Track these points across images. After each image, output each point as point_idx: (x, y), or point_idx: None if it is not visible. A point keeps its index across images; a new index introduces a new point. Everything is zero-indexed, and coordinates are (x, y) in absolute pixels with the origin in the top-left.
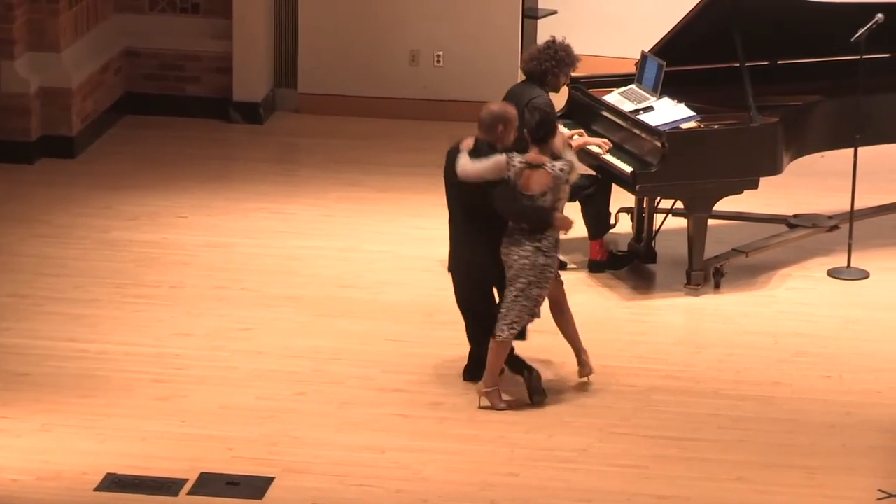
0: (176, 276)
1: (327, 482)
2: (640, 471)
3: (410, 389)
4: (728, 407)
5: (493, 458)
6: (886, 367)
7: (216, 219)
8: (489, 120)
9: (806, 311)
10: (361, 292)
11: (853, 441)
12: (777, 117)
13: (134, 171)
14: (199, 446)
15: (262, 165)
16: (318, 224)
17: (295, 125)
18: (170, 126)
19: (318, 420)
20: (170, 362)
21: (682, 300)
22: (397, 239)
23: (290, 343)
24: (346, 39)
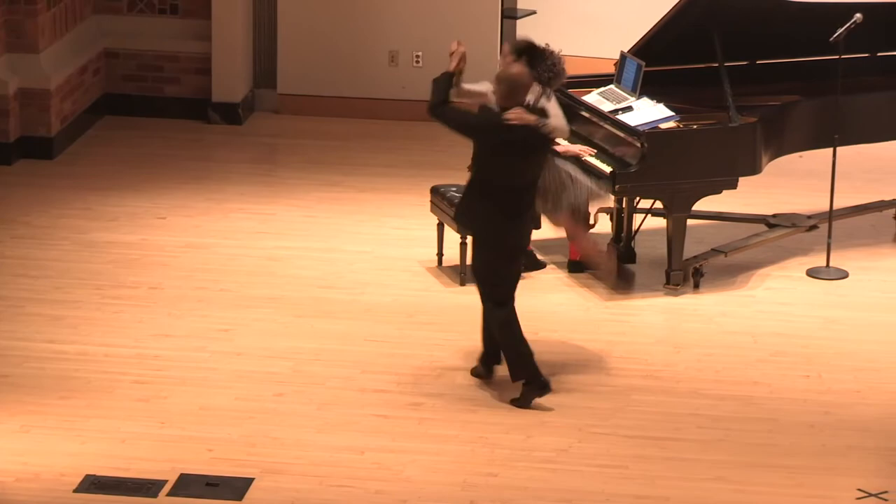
0: (155, 277)
1: (307, 483)
2: (620, 471)
3: (390, 390)
4: (707, 407)
5: (474, 459)
6: (865, 367)
7: (195, 220)
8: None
9: (785, 311)
10: (341, 293)
11: (832, 441)
12: (756, 117)
13: (113, 172)
14: (178, 447)
15: (241, 166)
16: (297, 225)
17: (274, 126)
18: (149, 127)
19: (297, 421)
20: (149, 363)
21: (661, 300)
22: (377, 239)
23: (270, 344)
24: (326, 40)
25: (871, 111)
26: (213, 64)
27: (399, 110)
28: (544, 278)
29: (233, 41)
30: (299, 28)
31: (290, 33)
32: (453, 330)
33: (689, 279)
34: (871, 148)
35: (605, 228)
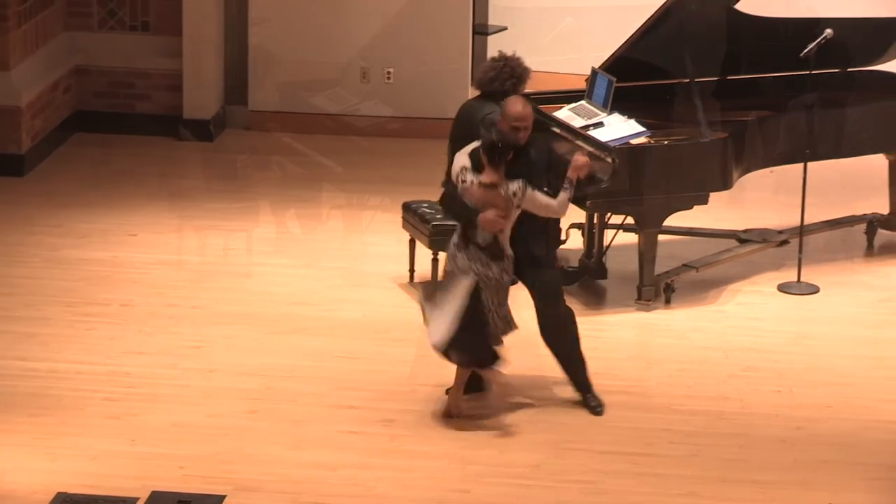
0: (127, 293)
1: (280, 500)
2: (593, 486)
3: (363, 406)
4: (679, 422)
5: (446, 475)
6: (837, 382)
7: (167, 236)
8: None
9: (756, 326)
10: (314, 309)
11: (805, 455)
12: (727, 133)
13: (84, 189)
14: (150, 464)
15: (212, 183)
16: (270, 241)
17: (245, 142)
18: (120, 144)
19: (270, 437)
20: (121, 380)
21: (632, 315)
22: (350, 255)
23: (243, 360)
24: (296, 57)
25: (842, 126)
26: (185, 81)
27: (370, 126)
28: (516, 294)
29: (204, 58)
30: (270, 45)
31: (261, 50)
32: (425, 346)
33: (661, 294)
34: (842, 163)
35: (576, 244)
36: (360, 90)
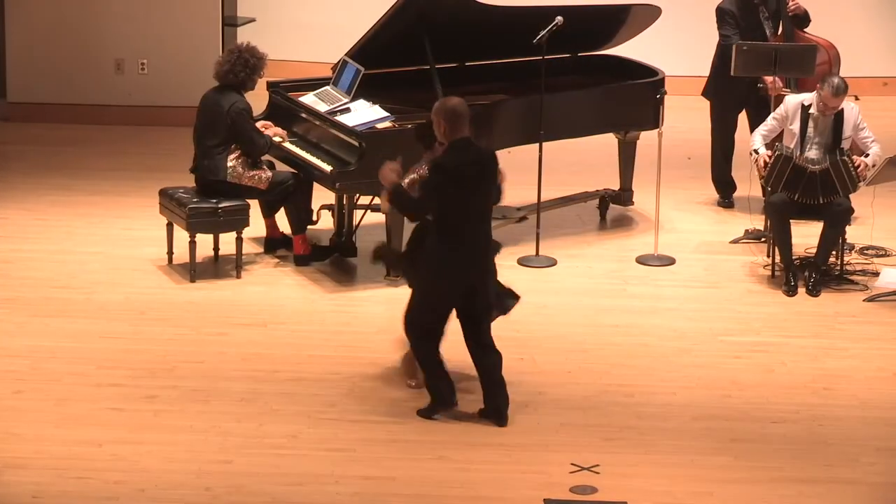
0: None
1: (47, 476)
2: (348, 454)
3: (126, 384)
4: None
5: (208, 447)
6: (574, 349)
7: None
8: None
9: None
10: (75, 292)
11: (546, 419)
12: None
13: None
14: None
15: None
16: (29, 228)
17: (4, 133)
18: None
19: (36, 416)
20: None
21: (382, 291)
22: (108, 240)
23: (7, 343)
24: (53, 50)
25: (574, 108)
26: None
27: (125, 116)
28: (271, 272)
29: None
30: (27, 38)
31: (19, 43)
32: (184, 325)
33: None
34: (575, 143)
35: (327, 224)
36: (115, 81)
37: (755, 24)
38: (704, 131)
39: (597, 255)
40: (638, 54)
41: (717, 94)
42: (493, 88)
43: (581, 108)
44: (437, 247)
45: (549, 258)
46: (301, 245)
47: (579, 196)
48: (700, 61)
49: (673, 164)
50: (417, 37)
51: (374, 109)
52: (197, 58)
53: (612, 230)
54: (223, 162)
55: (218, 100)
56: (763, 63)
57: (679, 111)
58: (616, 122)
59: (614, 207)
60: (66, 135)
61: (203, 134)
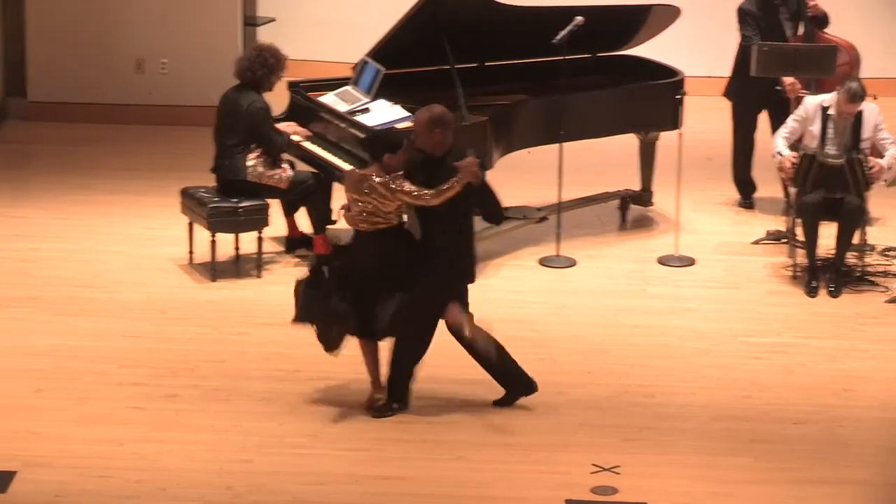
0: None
1: (69, 475)
2: (367, 453)
3: (147, 383)
4: (445, 391)
5: (229, 447)
6: (594, 349)
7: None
8: (426, 124)
9: (518, 298)
10: (97, 292)
11: (566, 419)
12: (486, 116)
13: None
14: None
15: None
16: (51, 227)
17: (26, 133)
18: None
19: (58, 415)
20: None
21: None
22: (129, 240)
23: (29, 342)
24: (74, 49)
25: (594, 109)
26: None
27: (146, 116)
28: (292, 271)
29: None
30: (48, 37)
31: (40, 42)
32: (206, 324)
33: None
34: (595, 143)
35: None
36: (135, 80)
37: (775, 25)
38: (725, 132)
39: (617, 256)
40: (658, 55)
41: (738, 95)
42: (512, 89)
43: (601, 109)
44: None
45: (569, 258)
46: (322, 245)
47: (599, 196)
48: (720, 62)
49: (693, 165)
50: (437, 37)
51: (395, 109)
52: (217, 57)
53: (632, 231)
54: (243, 161)
55: (237, 99)
56: (783, 63)
57: (699, 112)
58: (636, 123)
59: (634, 208)
60: (87, 134)
61: (222, 133)
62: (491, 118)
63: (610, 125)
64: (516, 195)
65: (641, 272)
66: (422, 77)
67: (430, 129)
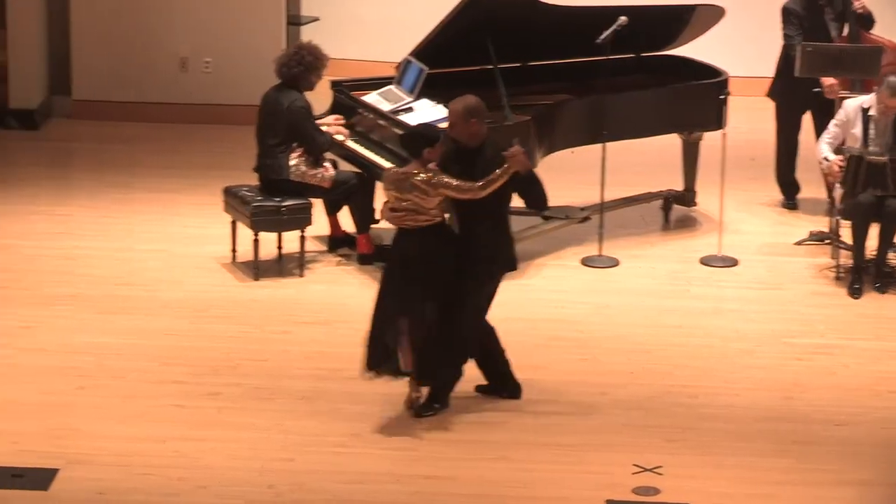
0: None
1: (110, 472)
2: (409, 453)
3: (189, 381)
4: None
5: (270, 445)
6: (637, 349)
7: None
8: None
9: (561, 298)
10: (139, 290)
11: (608, 420)
12: (529, 116)
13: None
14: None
15: (37, 170)
16: (94, 225)
17: (69, 131)
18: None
19: (99, 413)
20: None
21: None
22: (171, 238)
23: (71, 340)
24: (118, 48)
25: (637, 109)
26: (10, 72)
27: (188, 115)
28: (334, 270)
29: (28, 50)
30: (93, 36)
31: (84, 41)
32: (248, 323)
33: None
34: (638, 143)
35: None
36: (179, 79)
37: (820, 25)
38: (768, 132)
39: (660, 256)
40: (701, 55)
41: (782, 95)
42: (555, 88)
43: (645, 109)
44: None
45: (611, 258)
46: (365, 244)
47: (643, 196)
48: (764, 62)
49: (736, 165)
50: (481, 37)
51: (438, 109)
52: (260, 57)
53: (675, 231)
54: (285, 161)
55: (277, 98)
56: (828, 64)
57: (743, 112)
58: (680, 123)
59: (678, 208)
60: (129, 133)
61: (264, 133)
62: (534, 118)
63: (654, 125)
64: (559, 195)
65: (684, 272)
66: (465, 77)
67: (466, 119)
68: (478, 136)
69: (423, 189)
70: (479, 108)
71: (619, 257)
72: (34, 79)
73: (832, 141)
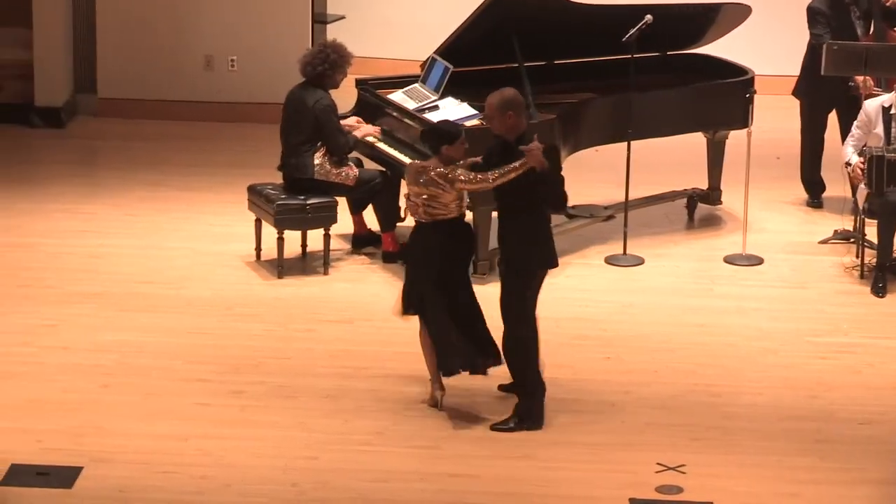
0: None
1: (134, 470)
2: (433, 451)
3: (212, 379)
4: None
5: (294, 443)
6: (661, 348)
7: (19, 220)
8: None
9: (585, 297)
10: (163, 288)
11: (632, 418)
12: (554, 114)
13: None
14: (9, 439)
15: (63, 168)
16: (118, 223)
17: (95, 129)
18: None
19: (123, 411)
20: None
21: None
22: (196, 236)
23: (95, 338)
24: (144, 46)
25: (663, 107)
26: (36, 70)
27: (214, 112)
28: (358, 269)
29: (54, 48)
30: (118, 34)
31: (109, 40)
32: (272, 321)
33: (495, 269)
34: (663, 142)
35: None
36: (205, 77)
37: (846, 24)
38: (793, 131)
39: (684, 255)
40: (727, 53)
41: (808, 94)
42: (581, 87)
43: (670, 107)
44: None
45: (636, 257)
46: (390, 242)
47: (667, 195)
48: (790, 61)
49: (761, 164)
50: (506, 35)
51: (463, 107)
52: (286, 55)
53: (699, 229)
54: (310, 159)
55: (302, 96)
56: (853, 62)
57: (768, 110)
58: (705, 122)
59: (702, 206)
60: (155, 131)
61: (289, 131)
62: (559, 116)
63: (679, 124)
64: (583, 193)
65: (708, 271)
66: (490, 75)
67: (503, 111)
68: (516, 129)
69: (439, 183)
70: (516, 100)
71: (643, 256)
72: (60, 77)
73: (856, 144)
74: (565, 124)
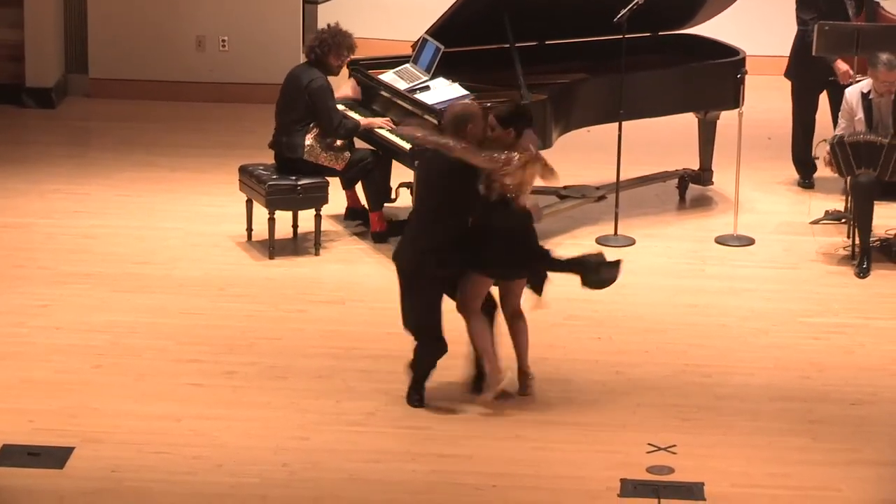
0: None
1: (126, 451)
2: (425, 432)
3: (205, 360)
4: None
5: (286, 424)
6: (652, 329)
7: (12, 201)
8: (455, 122)
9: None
10: (155, 268)
11: (623, 399)
12: (546, 95)
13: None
14: (0, 419)
15: (55, 148)
16: (111, 204)
17: (86, 109)
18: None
19: (115, 391)
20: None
21: None
22: (188, 216)
23: (88, 318)
24: (135, 26)
25: (654, 88)
26: (27, 50)
27: (206, 93)
28: (350, 249)
29: (45, 28)
30: (109, 14)
31: (101, 19)
32: (263, 301)
33: None
34: (655, 122)
35: (406, 202)
36: (196, 57)
37: (838, 6)
38: (785, 111)
39: (676, 235)
40: (718, 34)
41: (798, 75)
42: (572, 67)
43: (661, 88)
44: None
45: (627, 237)
46: (377, 222)
47: (658, 175)
48: (781, 41)
49: (753, 144)
50: (497, 15)
51: (454, 88)
52: (278, 35)
53: (691, 210)
54: (300, 139)
55: (299, 75)
56: (845, 43)
57: (759, 91)
58: (696, 102)
59: (693, 187)
60: (147, 111)
61: (283, 110)
62: (550, 97)
63: (670, 104)
64: (575, 174)
65: (700, 251)
66: (481, 55)
67: (460, 128)
68: (482, 134)
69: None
70: (466, 112)
71: (634, 236)
72: (50, 57)
73: (844, 133)
74: (557, 105)
